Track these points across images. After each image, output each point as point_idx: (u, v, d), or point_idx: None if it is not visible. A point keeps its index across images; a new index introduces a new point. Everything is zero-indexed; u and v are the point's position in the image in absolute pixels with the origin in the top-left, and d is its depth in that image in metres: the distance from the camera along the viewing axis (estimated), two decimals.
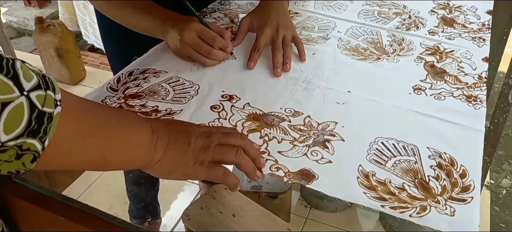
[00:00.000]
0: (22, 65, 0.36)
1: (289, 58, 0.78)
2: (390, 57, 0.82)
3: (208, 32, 0.75)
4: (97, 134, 0.43)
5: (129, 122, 0.47)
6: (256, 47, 0.79)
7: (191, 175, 0.51)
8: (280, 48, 0.79)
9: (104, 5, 0.83)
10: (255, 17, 0.84)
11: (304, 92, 0.72)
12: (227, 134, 0.55)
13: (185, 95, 0.70)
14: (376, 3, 1.02)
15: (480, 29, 0.92)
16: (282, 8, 0.86)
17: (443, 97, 0.72)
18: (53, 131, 0.37)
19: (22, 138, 0.35)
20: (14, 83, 0.34)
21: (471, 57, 0.83)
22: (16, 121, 0.34)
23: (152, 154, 0.48)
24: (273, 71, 0.76)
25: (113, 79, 0.72)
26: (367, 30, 0.91)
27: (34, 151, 0.36)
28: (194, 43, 0.74)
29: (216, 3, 0.99)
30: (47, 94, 0.37)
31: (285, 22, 0.83)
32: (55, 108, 0.37)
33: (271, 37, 0.81)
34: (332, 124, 0.65)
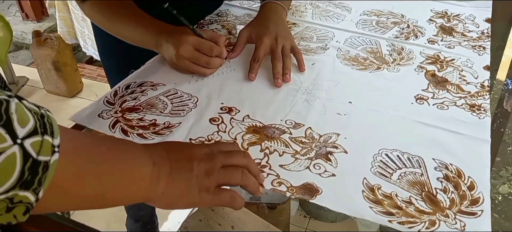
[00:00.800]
0: (18, 107, 0.32)
1: (288, 69, 0.76)
2: (390, 67, 0.81)
3: (205, 43, 0.74)
4: (96, 172, 0.40)
5: (129, 156, 0.44)
6: (256, 58, 0.78)
7: (197, 203, 0.49)
8: (279, 58, 0.77)
9: (100, 18, 0.81)
10: (254, 28, 0.83)
11: (305, 104, 0.70)
12: (230, 154, 0.52)
13: (184, 108, 0.68)
14: (374, 13, 1.01)
15: (480, 38, 0.92)
16: (281, 18, 0.85)
17: (446, 107, 0.70)
18: (48, 181, 0.34)
19: (13, 190, 0.32)
20: (7, 131, 0.31)
21: (472, 65, 0.82)
22: (7, 173, 0.31)
23: (155, 187, 0.45)
24: (274, 81, 0.75)
25: (110, 92, 0.71)
26: (366, 39, 0.90)
27: (27, 202, 0.33)
28: (192, 56, 0.72)
29: (214, 14, 0.98)
30: (43, 140, 0.33)
31: (284, 33, 0.82)
32: (52, 155, 0.34)
33: (270, 47, 0.79)
34: (334, 135, 0.63)
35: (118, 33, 0.80)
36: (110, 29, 0.81)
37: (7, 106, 0.32)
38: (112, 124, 0.63)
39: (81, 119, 0.64)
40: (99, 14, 0.80)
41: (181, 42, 0.72)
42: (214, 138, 0.62)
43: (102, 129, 0.63)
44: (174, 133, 0.63)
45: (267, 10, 0.86)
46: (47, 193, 0.34)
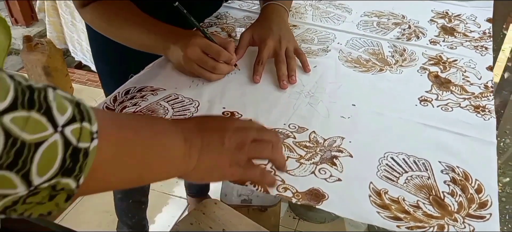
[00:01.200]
0: (56, 95, 0.32)
1: (294, 70, 0.76)
2: (393, 68, 0.80)
3: (212, 47, 0.72)
4: (133, 156, 0.41)
5: (162, 134, 0.45)
6: (260, 60, 0.77)
7: (228, 177, 0.50)
8: (283, 61, 0.76)
9: (101, 23, 0.80)
10: (256, 30, 0.82)
11: (308, 107, 0.69)
12: (262, 130, 0.54)
13: (185, 113, 0.67)
14: (375, 14, 1.00)
15: (481, 38, 0.91)
16: (283, 20, 0.84)
17: (450, 108, 0.70)
18: (89, 167, 0.34)
19: (55, 178, 0.32)
20: (48, 119, 0.31)
21: (475, 66, 0.81)
22: (49, 161, 0.31)
23: (187, 163, 0.46)
24: (279, 84, 0.74)
25: (109, 98, 0.69)
26: (368, 41, 0.89)
27: (68, 189, 0.34)
28: (199, 59, 0.71)
29: (213, 17, 0.97)
30: (82, 127, 0.33)
31: (287, 34, 0.81)
32: (91, 142, 0.34)
33: (274, 49, 0.78)
34: (338, 139, 0.62)
35: (122, 38, 0.79)
36: (113, 34, 0.79)
37: (45, 94, 0.32)
38: None
39: None
40: (101, 19, 0.79)
41: (189, 44, 0.70)
42: None
43: None
44: None
45: (269, 12, 0.85)
46: (87, 178, 0.35)
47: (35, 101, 0.31)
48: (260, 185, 0.53)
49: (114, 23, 0.78)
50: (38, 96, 0.31)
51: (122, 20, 0.78)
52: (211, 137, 0.48)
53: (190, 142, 0.46)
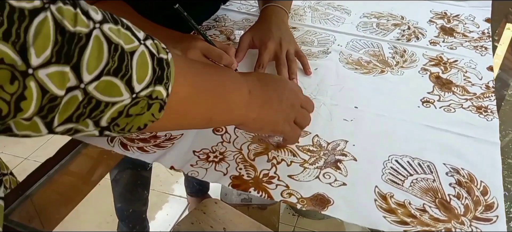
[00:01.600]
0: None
1: (295, 73, 0.75)
2: (394, 70, 0.80)
3: (213, 50, 0.71)
4: (206, 96, 0.44)
5: (230, 82, 0.49)
6: (261, 63, 0.76)
7: (279, 131, 0.56)
8: (284, 63, 0.76)
9: None
10: (256, 33, 0.81)
11: None
12: (307, 99, 0.60)
13: None
14: (374, 15, 1.00)
15: (481, 38, 0.91)
16: (283, 22, 0.83)
17: (453, 109, 0.69)
18: (173, 76, 0.38)
19: (151, 86, 0.35)
20: (132, 34, 0.35)
21: (475, 66, 0.81)
22: (144, 69, 0.35)
23: (249, 113, 0.50)
24: None
25: None
26: (368, 42, 0.88)
27: (160, 99, 0.37)
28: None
29: (211, 20, 0.96)
30: (156, 43, 0.37)
31: (287, 37, 0.81)
32: (167, 55, 0.38)
33: (275, 52, 0.78)
34: (342, 142, 0.62)
35: None
36: None
37: (120, 18, 0.35)
38: (110, 138, 0.61)
39: None
40: None
41: (190, 47, 0.70)
42: (218, 149, 0.60)
43: (99, 143, 0.60)
44: (176, 145, 0.61)
45: (269, 14, 0.84)
46: (165, 114, 0.38)
47: (115, 19, 0.34)
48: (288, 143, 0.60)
49: None
50: (116, 18, 0.34)
51: None
52: (272, 95, 0.53)
53: (253, 94, 0.50)
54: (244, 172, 0.57)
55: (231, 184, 0.55)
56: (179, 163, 0.58)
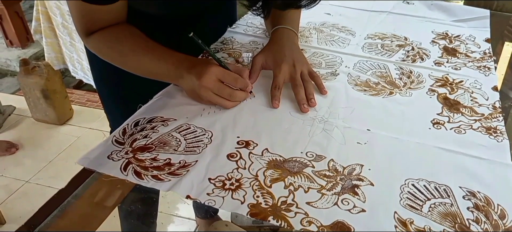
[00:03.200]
0: None
1: (312, 94, 0.76)
2: (402, 91, 0.80)
3: (229, 74, 0.72)
4: None
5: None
6: (277, 85, 0.77)
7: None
8: (300, 84, 0.77)
9: (109, 52, 0.78)
10: (269, 55, 0.82)
11: (323, 133, 0.69)
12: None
13: (199, 144, 0.65)
14: (378, 36, 1.01)
15: (483, 58, 0.92)
16: (294, 43, 0.84)
17: (463, 131, 0.70)
18: None
19: None
20: None
21: (481, 86, 0.82)
22: None
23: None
24: (299, 107, 0.74)
25: (118, 131, 0.68)
26: (374, 63, 0.89)
27: None
28: (215, 87, 0.70)
29: (218, 42, 0.96)
30: None
31: (300, 58, 0.82)
32: None
33: (289, 73, 0.79)
34: (357, 167, 0.62)
35: (131, 67, 0.77)
36: (121, 63, 0.78)
37: None
38: (123, 166, 0.61)
39: (89, 162, 0.61)
40: (107, 47, 0.77)
41: (205, 72, 0.70)
42: (233, 176, 0.60)
43: (113, 172, 0.59)
44: (191, 172, 0.60)
45: (280, 36, 0.85)
46: None
47: None
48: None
49: (122, 51, 0.77)
50: None
51: (130, 47, 0.77)
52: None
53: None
54: (262, 200, 0.56)
55: (249, 213, 0.54)
56: (195, 191, 0.57)
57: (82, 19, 0.75)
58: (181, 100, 0.75)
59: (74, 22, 0.78)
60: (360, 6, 1.17)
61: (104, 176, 0.60)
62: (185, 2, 0.88)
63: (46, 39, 2.51)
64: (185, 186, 0.58)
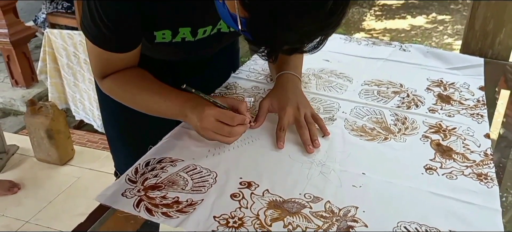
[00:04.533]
0: None
1: (316, 135, 0.81)
2: (396, 137, 0.84)
3: (225, 114, 0.76)
4: None
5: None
6: (281, 127, 0.82)
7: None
8: (305, 126, 0.82)
9: (121, 93, 0.84)
10: (274, 98, 0.87)
11: (320, 176, 0.73)
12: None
13: (204, 184, 0.69)
14: (374, 83, 1.06)
15: (476, 106, 0.97)
16: (298, 88, 0.90)
17: (455, 176, 0.73)
18: None
19: None
20: None
21: (473, 133, 0.86)
22: None
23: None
24: (305, 148, 0.78)
25: (130, 170, 0.72)
26: (370, 109, 0.94)
27: None
28: (215, 127, 0.75)
29: (222, 87, 1.02)
30: None
31: (304, 101, 0.87)
32: None
33: (294, 116, 0.84)
34: (353, 209, 0.65)
35: (141, 106, 0.84)
36: (132, 102, 0.84)
37: None
38: (136, 203, 0.64)
39: (105, 199, 0.65)
40: (120, 88, 0.84)
41: (203, 115, 0.75)
42: (236, 215, 0.63)
43: (126, 208, 0.63)
44: (197, 210, 0.64)
45: (284, 81, 0.91)
46: None
47: None
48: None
49: (134, 92, 0.83)
50: None
51: (140, 89, 0.83)
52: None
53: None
54: None
55: None
56: (201, 228, 0.61)
57: (99, 63, 0.82)
58: (187, 142, 0.80)
59: (91, 66, 0.84)
60: (358, 53, 1.23)
61: (119, 212, 0.64)
62: (192, 52, 0.94)
63: (51, 79, 2.60)
64: (192, 223, 0.61)
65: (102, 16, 0.73)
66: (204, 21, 0.84)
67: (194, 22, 0.83)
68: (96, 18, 0.73)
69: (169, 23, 0.81)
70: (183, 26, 0.82)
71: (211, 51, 1.02)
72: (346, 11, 0.61)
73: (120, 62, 0.82)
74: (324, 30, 0.62)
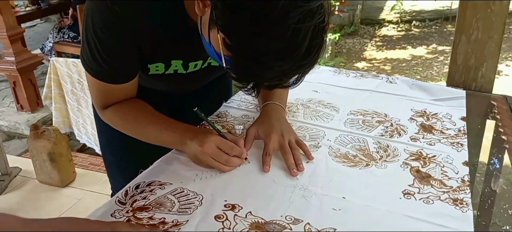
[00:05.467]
0: None
1: (300, 160, 0.85)
2: (378, 163, 0.88)
3: (226, 143, 0.82)
4: None
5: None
6: (267, 152, 0.86)
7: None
8: (289, 152, 0.86)
9: (122, 123, 0.90)
10: (261, 126, 0.93)
11: (302, 199, 0.76)
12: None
13: (190, 206, 0.73)
14: (360, 112, 1.11)
15: (457, 135, 1.01)
16: (282, 117, 0.96)
17: (431, 201, 0.77)
18: None
19: None
20: None
21: (452, 161, 0.90)
22: None
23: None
24: (289, 172, 0.83)
25: (121, 192, 0.76)
26: (354, 137, 0.98)
27: None
28: (214, 153, 0.81)
29: (214, 116, 1.06)
30: None
31: (288, 128, 0.93)
32: None
33: (278, 142, 0.89)
34: (331, 230, 0.68)
35: (142, 135, 0.89)
36: (133, 132, 0.90)
37: None
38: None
39: (95, 218, 0.68)
40: (122, 119, 0.89)
41: (206, 140, 0.81)
42: None
43: None
44: (181, 230, 0.67)
45: (269, 110, 0.97)
46: None
47: None
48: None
49: (134, 122, 0.89)
50: None
51: (140, 120, 0.89)
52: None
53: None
54: None
55: None
56: None
57: (99, 95, 0.88)
58: (177, 167, 0.84)
59: (92, 97, 0.90)
60: (346, 85, 1.28)
61: None
62: (185, 83, 1.00)
63: (55, 104, 2.66)
64: None
65: (101, 51, 0.78)
66: (195, 56, 0.90)
67: (186, 56, 0.88)
68: (95, 53, 0.79)
69: (162, 57, 0.87)
70: (175, 58, 0.88)
71: (202, 83, 1.07)
72: (321, 51, 0.66)
73: (120, 93, 0.88)
74: (301, 69, 0.67)
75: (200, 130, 0.86)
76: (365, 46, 5.34)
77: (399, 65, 4.64)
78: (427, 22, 5.95)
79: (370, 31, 5.90)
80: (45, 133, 2.22)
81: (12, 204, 2.24)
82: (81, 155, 2.74)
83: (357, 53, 5.11)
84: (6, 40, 3.01)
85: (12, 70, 3.06)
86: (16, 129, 3.21)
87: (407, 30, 5.87)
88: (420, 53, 4.98)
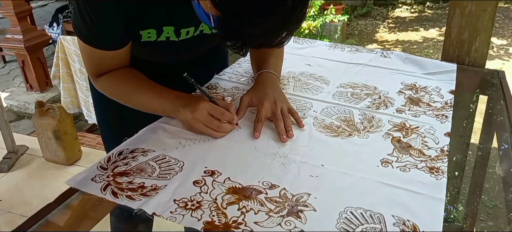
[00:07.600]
0: None
1: (290, 127, 0.88)
2: (361, 134, 0.89)
3: (217, 109, 0.85)
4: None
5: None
6: (259, 119, 0.89)
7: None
8: (280, 119, 0.89)
9: (115, 91, 0.92)
10: (254, 94, 0.95)
11: (281, 167, 0.78)
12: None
13: (170, 172, 0.76)
14: (350, 85, 1.11)
15: (443, 107, 1.01)
16: (276, 84, 0.98)
17: (408, 169, 0.78)
18: None
19: None
20: None
21: (434, 132, 0.90)
22: None
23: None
24: (280, 138, 0.85)
25: (103, 158, 0.78)
26: (341, 109, 0.99)
27: None
28: (206, 120, 0.83)
29: (204, 87, 1.08)
30: None
31: (281, 97, 0.95)
32: None
33: (271, 110, 0.91)
34: (305, 195, 0.70)
35: (134, 103, 0.91)
36: (125, 99, 0.92)
37: None
38: (103, 187, 0.71)
39: (74, 183, 0.72)
40: (115, 88, 0.91)
41: (197, 107, 0.83)
42: (195, 199, 0.69)
43: (94, 191, 0.70)
44: (159, 194, 0.70)
45: (264, 79, 0.99)
46: None
47: None
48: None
49: (126, 90, 0.91)
50: None
51: (133, 87, 0.91)
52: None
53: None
54: (216, 218, 0.65)
55: (203, 228, 0.63)
56: (160, 209, 0.67)
57: (92, 62, 0.90)
58: (161, 135, 0.86)
59: (85, 66, 0.92)
60: (339, 59, 1.28)
61: (86, 195, 0.70)
62: (178, 52, 1.01)
63: (63, 84, 2.70)
64: (152, 205, 0.67)
65: (90, 13, 0.80)
66: (187, 22, 0.91)
67: (177, 22, 0.90)
68: (85, 17, 0.81)
69: (153, 23, 0.88)
70: (166, 25, 0.89)
71: (196, 52, 1.09)
72: (306, 9, 0.67)
73: (112, 61, 0.90)
74: (286, 26, 0.68)
75: (192, 97, 0.87)
76: (377, 28, 5.28)
77: (410, 47, 4.58)
78: (441, 4, 5.83)
79: (383, 12, 5.81)
80: (50, 110, 2.27)
81: (19, 181, 2.31)
82: (90, 135, 2.79)
83: (369, 35, 5.05)
84: (13, 18, 3.04)
85: (20, 48, 3.11)
86: (26, 109, 3.28)
87: (421, 11, 5.77)
88: (432, 35, 4.90)
